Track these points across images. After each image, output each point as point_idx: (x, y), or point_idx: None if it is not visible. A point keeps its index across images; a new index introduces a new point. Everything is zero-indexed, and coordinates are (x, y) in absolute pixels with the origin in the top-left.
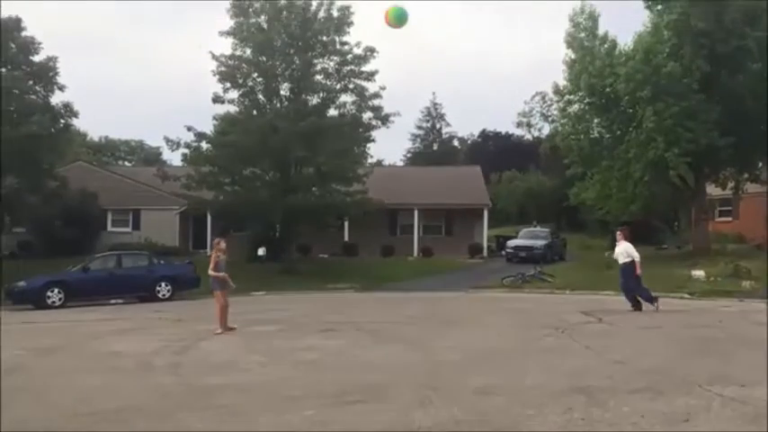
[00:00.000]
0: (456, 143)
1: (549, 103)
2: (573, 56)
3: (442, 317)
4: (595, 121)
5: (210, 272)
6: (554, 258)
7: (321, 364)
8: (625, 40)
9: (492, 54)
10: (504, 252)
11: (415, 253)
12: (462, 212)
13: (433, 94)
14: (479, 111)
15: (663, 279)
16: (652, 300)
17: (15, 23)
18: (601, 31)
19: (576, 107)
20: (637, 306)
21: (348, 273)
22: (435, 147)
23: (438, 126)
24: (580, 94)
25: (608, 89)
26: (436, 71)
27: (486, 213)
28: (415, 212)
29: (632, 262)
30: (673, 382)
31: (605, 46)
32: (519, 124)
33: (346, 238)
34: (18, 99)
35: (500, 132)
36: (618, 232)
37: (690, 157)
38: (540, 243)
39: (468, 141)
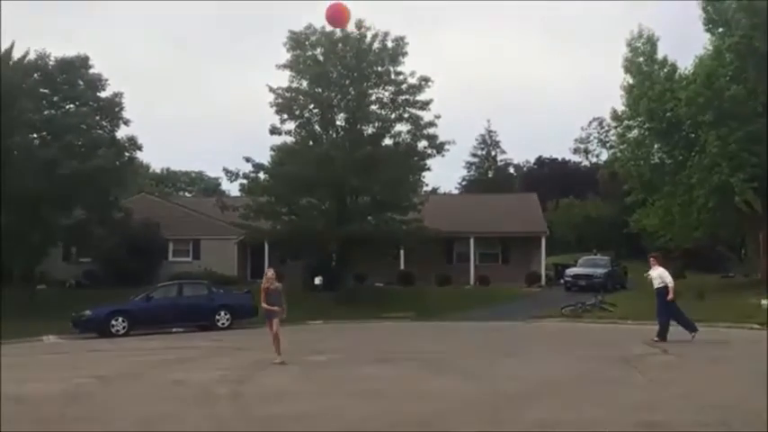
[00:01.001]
0: (511, 170)
1: (606, 128)
2: (631, 81)
3: (499, 347)
4: (656, 146)
5: (262, 304)
6: (615, 287)
7: (377, 393)
8: (685, 64)
9: (547, 80)
10: (562, 281)
11: (472, 281)
12: (519, 240)
13: (488, 121)
14: (535, 137)
15: (730, 308)
16: (691, 327)
17: (83, 61)
18: (660, 56)
19: (635, 132)
20: (662, 336)
21: (404, 302)
22: (490, 174)
23: (493, 153)
24: (639, 119)
25: (668, 114)
26: (491, 98)
27: (543, 241)
28: (471, 241)
29: (665, 287)
30: (744, 418)
31: (665, 70)
32: (576, 150)
33: (402, 267)
34: (85, 134)
35: (556, 159)
36: (651, 258)
37: (756, 181)
38: (600, 271)
39: (524, 168)
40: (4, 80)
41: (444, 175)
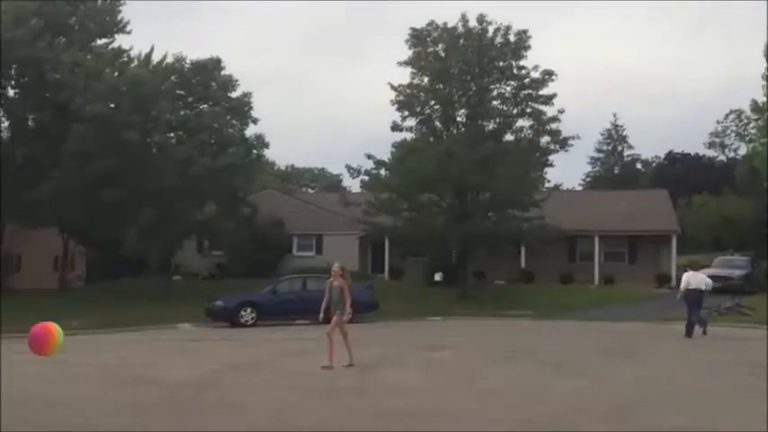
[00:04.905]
0: (639, 166)
1: (746, 121)
2: None
3: (625, 349)
4: None
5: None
6: (754, 290)
7: (501, 392)
8: None
9: (678, 71)
10: None
11: (596, 281)
12: (648, 239)
13: (614, 115)
14: (665, 131)
15: None
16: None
17: (216, 63)
18: None
19: None
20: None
21: (525, 300)
22: (616, 170)
23: (619, 148)
24: None
25: None
26: (618, 91)
27: (674, 240)
28: (596, 239)
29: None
30: None
31: None
32: (710, 145)
33: (523, 265)
34: (217, 133)
35: (689, 154)
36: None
37: None
38: (737, 272)
39: (653, 164)
40: (147, 84)
41: (568, 171)
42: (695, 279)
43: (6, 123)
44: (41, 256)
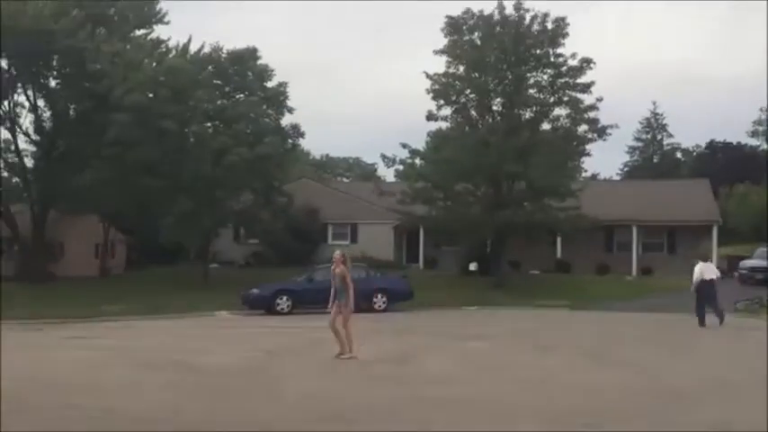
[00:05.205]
0: (679, 155)
1: None
2: None
3: (665, 340)
4: None
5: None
6: None
7: (539, 382)
8: None
9: (720, 57)
10: (736, 273)
11: (634, 272)
12: (687, 229)
13: (654, 103)
14: (706, 120)
15: None
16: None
17: (252, 53)
18: None
19: None
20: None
21: (561, 290)
22: (656, 159)
23: (659, 137)
24: None
25: None
26: (658, 79)
27: (715, 230)
28: (634, 229)
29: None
30: None
31: None
32: (753, 133)
33: (559, 255)
34: (254, 122)
35: (730, 143)
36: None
37: None
38: None
39: (694, 153)
40: (184, 74)
41: (605, 160)
42: (708, 270)
43: (49, 113)
44: (83, 244)
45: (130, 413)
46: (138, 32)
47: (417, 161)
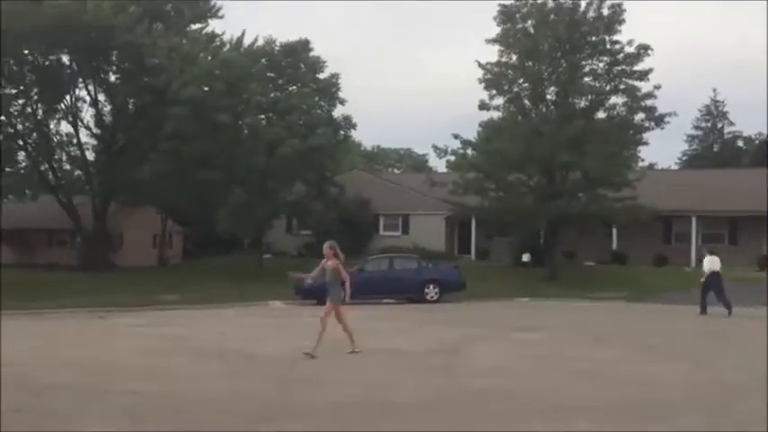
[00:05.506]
0: (740, 144)
1: None
2: None
3: (723, 334)
4: None
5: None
6: None
7: (593, 374)
8: None
9: None
10: None
11: (693, 263)
12: (751, 220)
13: (714, 90)
14: None
15: None
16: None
17: (304, 45)
18: None
19: None
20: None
21: (616, 282)
22: (716, 148)
23: (719, 125)
24: None
25: None
26: (718, 65)
27: None
28: (693, 220)
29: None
30: None
31: None
32: None
33: (614, 246)
34: (306, 114)
35: None
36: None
37: None
38: None
39: (756, 141)
40: (238, 67)
41: (663, 149)
42: (716, 263)
43: (109, 108)
44: (141, 235)
45: (188, 399)
46: (194, 27)
47: (469, 152)
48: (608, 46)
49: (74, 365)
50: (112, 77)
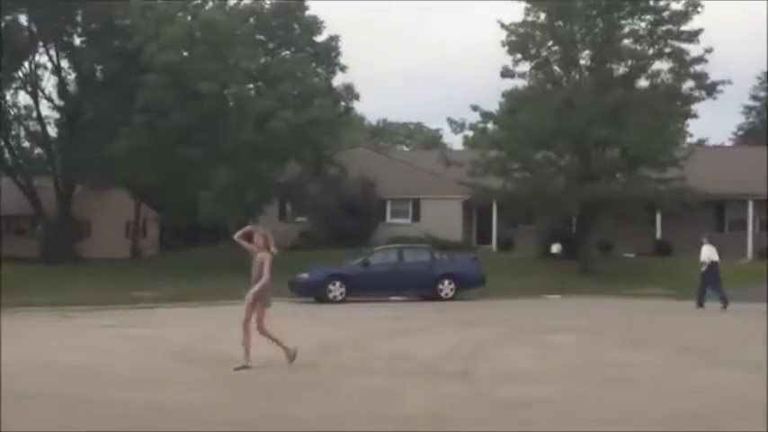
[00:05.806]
0: None
1: None
2: None
3: None
4: None
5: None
6: None
7: (634, 382)
8: None
9: None
10: None
11: (749, 254)
12: None
13: None
14: None
15: None
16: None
17: (299, 4)
18: None
19: None
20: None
21: (660, 276)
22: None
23: None
24: None
25: None
26: None
27: None
28: (749, 204)
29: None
30: None
31: None
32: None
33: (658, 235)
34: (301, 82)
35: None
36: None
37: None
38: None
39: None
40: (222, 28)
41: (716, 123)
42: (713, 252)
43: (74, 76)
44: (112, 222)
45: (171, 408)
46: None
47: (490, 126)
48: (651, 2)
49: (37, 372)
50: (77, 41)
